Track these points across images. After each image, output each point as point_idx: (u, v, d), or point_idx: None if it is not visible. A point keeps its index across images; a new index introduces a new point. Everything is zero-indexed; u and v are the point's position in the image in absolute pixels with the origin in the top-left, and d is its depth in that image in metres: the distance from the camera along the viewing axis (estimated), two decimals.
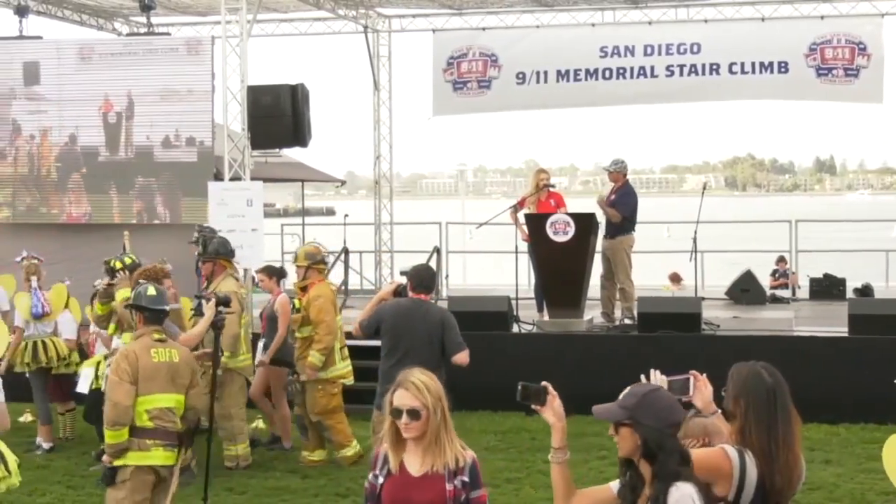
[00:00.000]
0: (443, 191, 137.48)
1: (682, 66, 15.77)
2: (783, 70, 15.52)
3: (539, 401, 4.04)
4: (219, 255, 10.13)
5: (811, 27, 15.50)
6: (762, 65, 15.54)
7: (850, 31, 15.34)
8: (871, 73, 15.29)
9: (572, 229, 12.33)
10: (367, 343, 9.48)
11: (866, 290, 15.24)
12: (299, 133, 14.31)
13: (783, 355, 7.17)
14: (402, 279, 9.06)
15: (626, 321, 12.93)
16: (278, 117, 14.01)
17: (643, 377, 4.28)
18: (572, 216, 12.50)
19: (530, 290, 14.02)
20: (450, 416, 4.32)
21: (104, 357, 9.61)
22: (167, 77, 13.52)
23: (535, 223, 12.71)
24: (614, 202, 13.07)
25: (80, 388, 10.11)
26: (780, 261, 17.79)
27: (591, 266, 12.89)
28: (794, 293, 16.29)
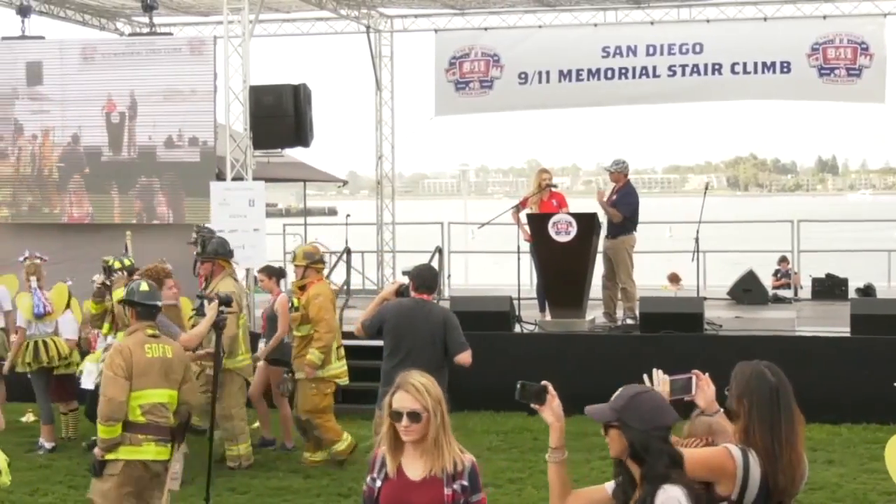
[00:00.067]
0: (445, 191, 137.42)
1: (684, 66, 15.76)
2: (785, 70, 15.51)
3: (539, 400, 4.02)
4: (217, 255, 10.12)
5: (813, 27, 15.49)
6: (764, 65, 15.54)
7: (853, 30, 15.33)
8: (873, 73, 15.28)
9: (574, 229, 12.33)
10: (367, 343, 9.48)
11: (868, 291, 15.22)
12: (301, 133, 14.32)
13: (785, 355, 7.13)
14: (405, 279, 9.04)
15: (629, 321, 12.93)
16: (280, 117, 14.02)
17: (645, 377, 4.28)
18: (574, 216, 12.50)
19: (532, 291, 14.03)
20: (448, 419, 4.27)
21: (104, 350, 9.59)
22: (170, 77, 13.54)
23: (538, 223, 12.71)
24: (615, 202, 13.06)
25: (85, 384, 10.08)
26: (783, 261, 17.79)
27: (594, 266, 12.90)
28: (796, 293, 16.28)
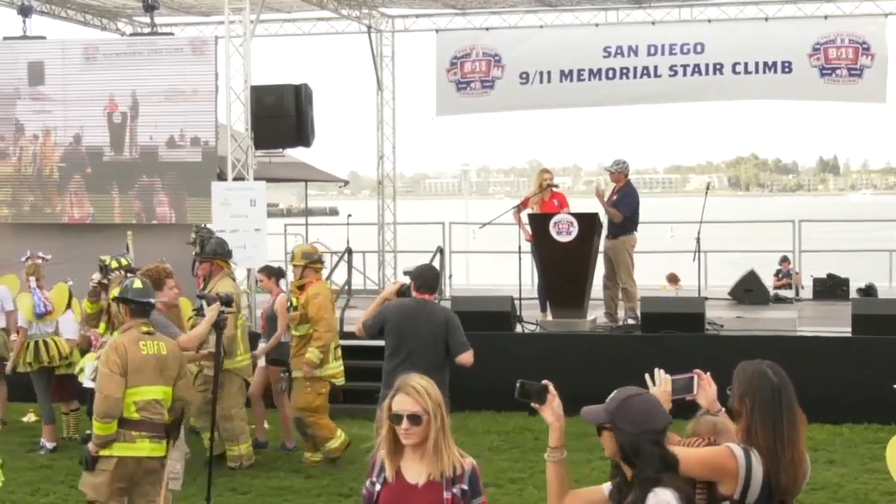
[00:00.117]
0: (446, 191, 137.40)
1: (685, 66, 15.76)
2: (787, 70, 15.50)
3: (539, 399, 4.02)
4: (216, 255, 10.12)
5: (815, 27, 15.48)
6: (766, 65, 15.53)
7: (854, 30, 15.32)
8: (874, 73, 15.26)
9: (575, 229, 12.33)
10: (368, 343, 9.48)
11: (870, 291, 15.21)
12: (303, 133, 14.31)
13: (786, 355, 7.09)
14: (406, 279, 9.04)
15: (630, 321, 12.93)
16: (282, 117, 14.01)
17: (647, 377, 4.28)
18: (575, 216, 12.49)
19: (534, 291, 14.03)
20: (448, 422, 4.23)
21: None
22: (172, 77, 13.56)
23: (539, 223, 12.70)
24: (616, 202, 13.05)
25: (87, 382, 10.05)
26: (784, 261, 17.79)
27: (595, 266, 12.89)
28: (797, 293, 16.29)
